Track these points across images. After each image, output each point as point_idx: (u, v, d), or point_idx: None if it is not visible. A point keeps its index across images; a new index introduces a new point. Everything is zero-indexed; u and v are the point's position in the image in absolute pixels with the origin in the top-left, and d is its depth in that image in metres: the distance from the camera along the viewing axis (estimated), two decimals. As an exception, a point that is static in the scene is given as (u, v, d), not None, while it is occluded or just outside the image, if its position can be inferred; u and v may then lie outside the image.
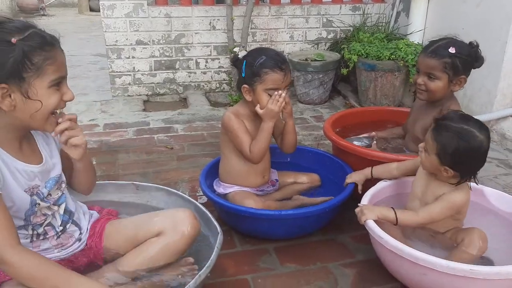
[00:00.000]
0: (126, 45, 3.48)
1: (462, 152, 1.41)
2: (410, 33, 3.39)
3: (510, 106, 2.79)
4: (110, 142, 2.76)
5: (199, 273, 1.21)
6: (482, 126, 1.44)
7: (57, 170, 1.35)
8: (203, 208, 1.54)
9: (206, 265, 1.24)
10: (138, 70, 3.59)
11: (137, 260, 1.35)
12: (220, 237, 1.39)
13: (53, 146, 1.37)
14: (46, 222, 1.31)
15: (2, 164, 1.17)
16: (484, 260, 1.49)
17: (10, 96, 1.11)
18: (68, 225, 1.37)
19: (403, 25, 3.56)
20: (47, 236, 1.32)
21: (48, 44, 1.13)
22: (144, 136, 2.87)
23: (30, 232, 1.28)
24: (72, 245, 1.39)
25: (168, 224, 1.37)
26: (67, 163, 1.41)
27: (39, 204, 1.27)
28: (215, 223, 1.47)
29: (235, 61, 1.79)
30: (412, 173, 1.70)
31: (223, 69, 3.74)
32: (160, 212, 1.48)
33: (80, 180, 1.44)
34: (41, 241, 1.31)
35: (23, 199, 1.23)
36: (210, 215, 1.51)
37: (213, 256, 1.28)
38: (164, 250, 1.35)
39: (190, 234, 1.36)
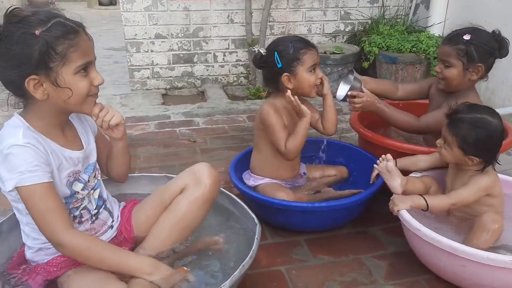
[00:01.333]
0: (145, 38, 3.49)
1: (482, 138, 1.48)
2: (430, 26, 3.37)
3: (534, 99, 2.77)
4: (133, 135, 2.78)
5: (243, 263, 1.22)
6: (493, 112, 1.53)
7: (94, 156, 1.39)
8: (239, 200, 1.55)
9: (249, 255, 1.25)
10: (157, 64, 3.59)
11: (168, 221, 1.40)
12: (258, 228, 1.40)
13: (89, 133, 1.40)
14: (82, 206, 1.34)
15: (50, 154, 1.20)
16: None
17: (42, 86, 1.15)
18: (101, 210, 1.41)
19: (422, 18, 3.54)
20: (82, 220, 1.35)
21: (71, 32, 1.15)
22: (166, 129, 2.88)
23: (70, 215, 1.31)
24: (105, 232, 1.41)
25: (188, 178, 1.44)
26: (103, 150, 1.45)
27: (78, 192, 1.30)
28: (252, 214, 1.47)
29: (260, 59, 1.78)
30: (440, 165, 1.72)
31: (240, 63, 3.74)
32: (181, 173, 1.52)
33: (119, 163, 1.49)
34: (76, 224, 1.34)
35: (65, 185, 1.26)
36: (245, 206, 1.52)
37: (254, 247, 1.29)
38: (192, 203, 1.40)
39: (211, 183, 1.42)
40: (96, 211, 1.39)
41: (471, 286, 1.44)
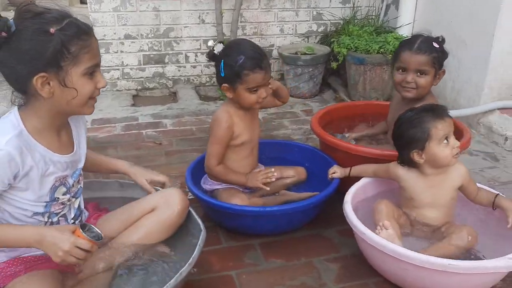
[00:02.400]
0: (114, 39, 3.46)
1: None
2: (400, 26, 3.39)
3: (497, 100, 2.80)
4: (98, 138, 2.75)
5: (181, 270, 1.22)
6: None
7: (82, 162, 1.40)
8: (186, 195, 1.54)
9: (188, 263, 1.25)
10: (127, 65, 3.56)
11: (134, 235, 1.42)
12: (202, 234, 1.40)
13: (83, 136, 1.41)
14: (61, 213, 1.34)
15: (34, 162, 1.20)
16: (474, 257, 1.51)
17: (49, 84, 1.15)
18: (78, 221, 1.41)
19: (392, 18, 3.56)
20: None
21: (84, 33, 1.17)
22: (133, 131, 2.87)
23: (46, 219, 1.30)
24: None
25: (160, 200, 1.48)
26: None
27: (59, 198, 1.30)
28: (198, 220, 1.47)
29: (212, 57, 1.75)
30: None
31: (213, 63, 3.71)
32: (152, 193, 1.56)
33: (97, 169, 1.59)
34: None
35: (49, 189, 1.27)
36: (193, 212, 1.52)
37: (195, 254, 1.29)
38: (159, 224, 1.44)
39: (181, 209, 1.47)
40: (72, 221, 1.39)
41: (414, 289, 1.46)
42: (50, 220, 1.31)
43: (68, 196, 1.34)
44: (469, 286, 1.41)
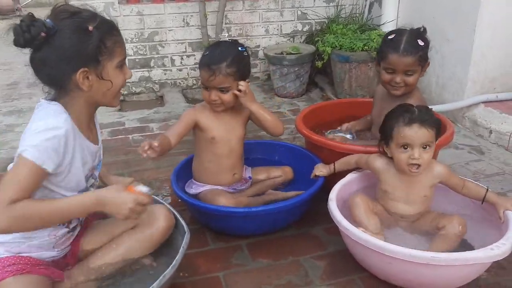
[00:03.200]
0: (99, 45, 3.44)
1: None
2: (383, 24, 3.41)
3: (481, 93, 2.83)
4: (84, 144, 2.74)
5: (164, 273, 1.22)
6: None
7: (101, 154, 1.44)
8: (171, 208, 1.54)
9: (171, 265, 1.25)
10: (113, 70, 3.55)
11: (114, 252, 1.41)
12: (186, 237, 1.40)
13: (99, 128, 1.45)
14: None
15: (78, 150, 1.25)
16: (466, 246, 1.55)
17: (88, 78, 1.22)
18: (81, 222, 1.43)
19: (376, 16, 3.58)
20: (71, 225, 1.37)
21: (115, 29, 1.27)
22: (119, 136, 2.86)
23: None
24: (65, 248, 1.40)
25: (143, 217, 1.42)
26: None
27: (91, 186, 1.35)
28: (183, 222, 1.47)
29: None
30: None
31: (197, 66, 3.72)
32: None
33: None
34: (62, 228, 1.34)
35: (85, 178, 1.31)
36: (178, 215, 1.52)
37: (178, 256, 1.29)
38: (139, 241, 1.43)
39: (165, 226, 1.46)
40: (81, 220, 1.41)
41: (399, 282, 1.47)
42: (67, 226, 1.34)
43: (95, 187, 1.38)
44: (453, 278, 1.42)
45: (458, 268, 1.34)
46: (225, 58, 1.71)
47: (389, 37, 1.90)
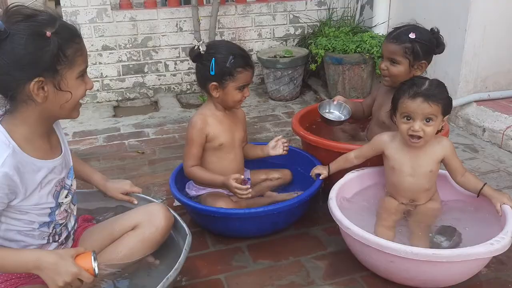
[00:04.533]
0: (92, 51, 3.43)
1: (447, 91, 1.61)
2: (375, 26, 3.44)
3: (473, 92, 2.87)
4: (80, 150, 2.72)
5: (167, 275, 1.21)
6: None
7: (70, 158, 1.37)
8: (171, 211, 1.53)
9: (174, 268, 1.24)
10: (106, 76, 3.54)
11: (115, 254, 1.39)
12: (188, 239, 1.39)
13: (62, 134, 1.37)
14: (64, 222, 1.33)
15: (31, 174, 1.17)
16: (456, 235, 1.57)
17: (44, 88, 1.11)
18: (72, 231, 1.39)
19: (367, 18, 3.61)
20: (59, 239, 1.33)
21: (77, 35, 1.16)
22: (115, 142, 2.84)
23: (50, 230, 1.28)
24: None
25: (143, 217, 1.45)
26: None
27: (62, 203, 1.28)
28: (184, 225, 1.47)
29: (196, 56, 1.74)
30: (371, 156, 1.77)
31: (193, 70, 3.70)
32: (134, 208, 1.54)
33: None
34: (52, 244, 1.30)
35: (52, 196, 1.25)
36: (178, 217, 1.51)
37: (181, 259, 1.29)
38: (142, 242, 1.41)
39: (164, 225, 1.44)
40: (70, 231, 1.37)
41: (401, 280, 1.48)
42: (54, 230, 1.29)
43: (70, 197, 1.32)
44: (454, 274, 1.43)
45: (459, 264, 1.35)
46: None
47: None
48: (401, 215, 1.67)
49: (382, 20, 3.41)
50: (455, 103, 2.85)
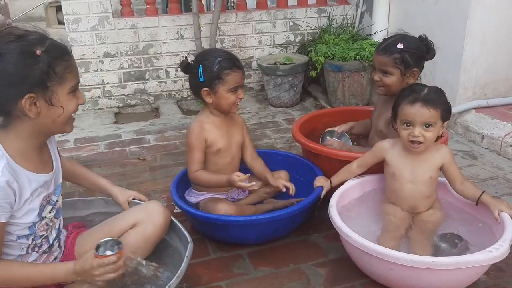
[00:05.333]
0: (93, 58, 3.46)
1: (446, 98, 1.64)
2: (374, 33, 3.47)
3: (472, 99, 2.89)
4: (81, 157, 2.74)
5: (169, 283, 1.22)
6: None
7: (61, 176, 1.40)
8: (173, 219, 1.55)
9: (176, 275, 1.25)
10: (108, 83, 3.57)
11: None
12: (190, 246, 1.40)
13: (56, 153, 1.41)
14: (45, 235, 1.34)
15: (24, 186, 1.21)
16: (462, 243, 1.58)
17: (36, 104, 1.17)
18: (56, 241, 1.40)
19: (367, 25, 3.64)
20: (39, 250, 1.34)
21: (66, 53, 1.22)
22: (116, 149, 2.86)
23: (30, 242, 1.29)
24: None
25: (142, 215, 1.48)
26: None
27: (45, 217, 1.30)
28: (185, 232, 1.48)
29: (186, 67, 1.80)
30: (373, 164, 1.78)
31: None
32: (131, 208, 1.57)
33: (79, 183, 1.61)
34: (32, 254, 1.32)
35: (37, 211, 1.27)
36: (180, 225, 1.52)
37: (183, 266, 1.30)
38: (143, 238, 1.44)
39: (163, 222, 1.48)
40: (52, 242, 1.38)
41: (400, 288, 1.49)
42: (34, 242, 1.30)
43: (53, 213, 1.34)
44: (454, 281, 1.44)
45: (458, 271, 1.36)
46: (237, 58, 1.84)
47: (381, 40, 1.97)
48: (406, 226, 1.68)
49: (382, 28, 3.44)
50: (454, 110, 2.88)
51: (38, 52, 1.14)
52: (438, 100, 1.58)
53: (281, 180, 1.91)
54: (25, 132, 1.22)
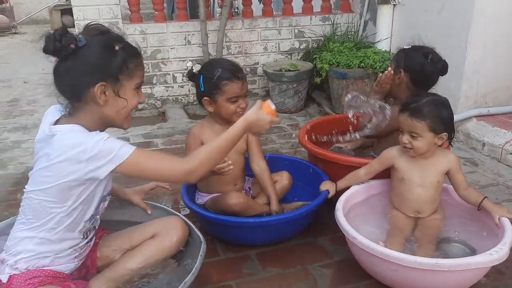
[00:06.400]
0: (102, 62, 3.53)
1: (446, 112, 1.67)
2: (378, 41, 3.55)
3: (473, 108, 2.96)
4: (91, 159, 2.80)
5: (185, 280, 1.28)
6: (434, 93, 1.79)
7: None
8: (186, 219, 1.61)
9: (191, 273, 1.31)
10: (116, 87, 3.63)
11: (133, 259, 1.48)
12: (203, 246, 1.47)
13: None
14: (94, 224, 1.45)
15: None
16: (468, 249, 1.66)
17: (105, 93, 1.29)
18: (94, 233, 1.48)
19: (371, 34, 3.72)
20: (87, 238, 1.43)
21: (138, 53, 1.37)
22: (125, 151, 2.92)
23: (89, 225, 1.40)
24: (83, 258, 1.46)
25: (161, 227, 1.55)
26: None
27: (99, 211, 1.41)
28: (198, 233, 1.54)
29: (191, 76, 1.87)
30: (381, 170, 1.84)
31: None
32: (154, 220, 1.64)
33: None
34: (83, 240, 1.41)
35: (97, 203, 1.38)
36: (193, 225, 1.59)
37: (197, 264, 1.36)
38: (159, 250, 1.51)
39: (181, 236, 1.54)
40: (93, 235, 1.47)
41: (405, 289, 1.55)
42: (92, 225, 1.42)
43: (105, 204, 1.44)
44: (455, 282, 1.50)
45: (460, 273, 1.42)
46: (241, 69, 1.91)
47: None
48: (410, 231, 1.74)
49: (385, 36, 3.51)
50: (455, 118, 2.94)
51: (117, 47, 1.28)
52: (428, 113, 1.63)
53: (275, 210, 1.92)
54: (90, 119, 1.31)
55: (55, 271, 1.35)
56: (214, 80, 1.79)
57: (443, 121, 1.65)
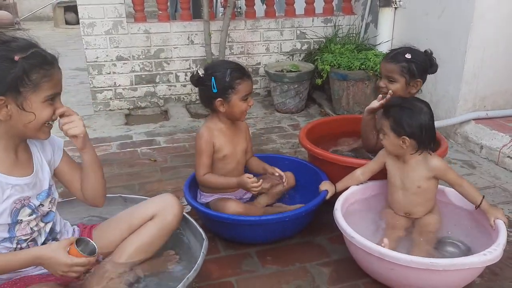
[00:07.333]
0: (106, 61, 3.58)
1: (408, 116, 1.68)
2: (379, 44, 3.58)
3: (472, 111, 2.99)
4: (94, 156, 2.84)
5: (187, 276, 1.32)
6: (422, 100, 1.76)
7: (46, 184, 1.42)
8: (188, 217, 1.65)
9: (194, 268, 1.35)
10: (119, 85, 3.68)
11: (137, 243, 1.51)
12: (205, 243, 1.51)
13: (45, 161, 1.42)
14: (31, 238, 1.37)
15: None
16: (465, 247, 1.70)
17: (7, 107, 1.22)
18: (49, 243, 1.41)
19: (372, 36, 3.76)
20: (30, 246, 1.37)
21: (48, 63, 1.25)
22: (128, 149, 2.97)
23: (15, 245, 1.34)
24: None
25: (160, 207, 1.57)
26: (73, 172, 1.51)
27: (22, 221, 1.33)
28: (200, 230, 1.58)
29: (198, 80, 1.87)
30: (377, 170, 1.89)
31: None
32: (149, 200, 1.65)
33: (90, 181, 1.50)
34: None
35: (9, 213, 1.30)
36: (195, 222, 1.63)
37: (200, 260, 1.40)
38: (162, 229, 1.55)
39: (178, 213, 1.58)
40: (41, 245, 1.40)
41: (400, 287, 1.59)
42: (19, 245, 1.34)
43: (34, 216, 1.36)
44: (450, 282, 1.54)
45: (454, 272, 1.46)
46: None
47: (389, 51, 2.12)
48: (404, 231, 1.78)
49: (386, 39, 3.55)
50: (454, 121, 2.98)
51: (16, 57, 1.19)
52: (394, 115, 1.70)
53: (276, 168, 2.01)
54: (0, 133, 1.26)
55: (40, 275, 1.36)
56: (227, 80, 1.82)
57: (403, 125, 1.68)
